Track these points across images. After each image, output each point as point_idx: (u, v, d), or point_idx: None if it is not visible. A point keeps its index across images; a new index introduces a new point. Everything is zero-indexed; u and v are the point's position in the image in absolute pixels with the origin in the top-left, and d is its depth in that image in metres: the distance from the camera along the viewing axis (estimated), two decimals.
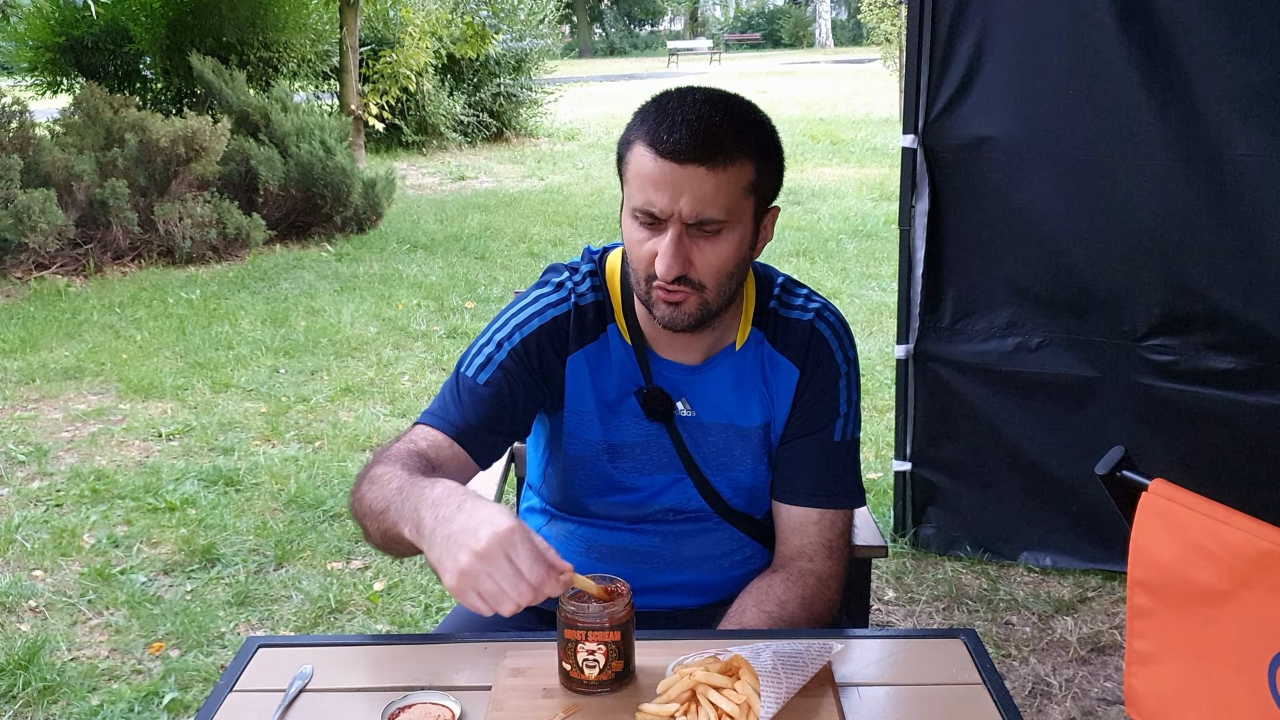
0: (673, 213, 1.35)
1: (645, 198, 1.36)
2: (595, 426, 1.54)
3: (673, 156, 1.33)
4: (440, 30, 11.75)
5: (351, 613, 3.01)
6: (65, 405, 4.69)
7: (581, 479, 1.58)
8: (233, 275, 7.10)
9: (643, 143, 1.36)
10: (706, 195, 1.34)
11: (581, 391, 1.53)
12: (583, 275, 1.56)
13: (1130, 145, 2.73)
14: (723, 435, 1.55)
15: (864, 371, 4.91)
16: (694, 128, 1.33)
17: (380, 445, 1.51)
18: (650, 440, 1.54)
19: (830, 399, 1.55)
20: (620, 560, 1.57)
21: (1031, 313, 2.98)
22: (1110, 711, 2.51)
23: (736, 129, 1.36)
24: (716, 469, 1.56)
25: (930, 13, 2.87)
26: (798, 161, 11.81)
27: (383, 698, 1.24)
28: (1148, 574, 1.53)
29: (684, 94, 1.39)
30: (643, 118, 1.38)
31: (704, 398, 1.54)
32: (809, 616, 1.49)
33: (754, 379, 1.54)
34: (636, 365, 1.53)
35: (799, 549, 1.55)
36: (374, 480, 1.38)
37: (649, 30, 49.50)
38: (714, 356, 1.54)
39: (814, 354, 1.54)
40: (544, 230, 8.46)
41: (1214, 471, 2.75)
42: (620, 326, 1.54)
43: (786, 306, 1.56)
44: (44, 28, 10.73)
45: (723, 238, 1.38)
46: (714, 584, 1.61)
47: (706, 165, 1.33)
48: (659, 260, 1.36)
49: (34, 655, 2.74)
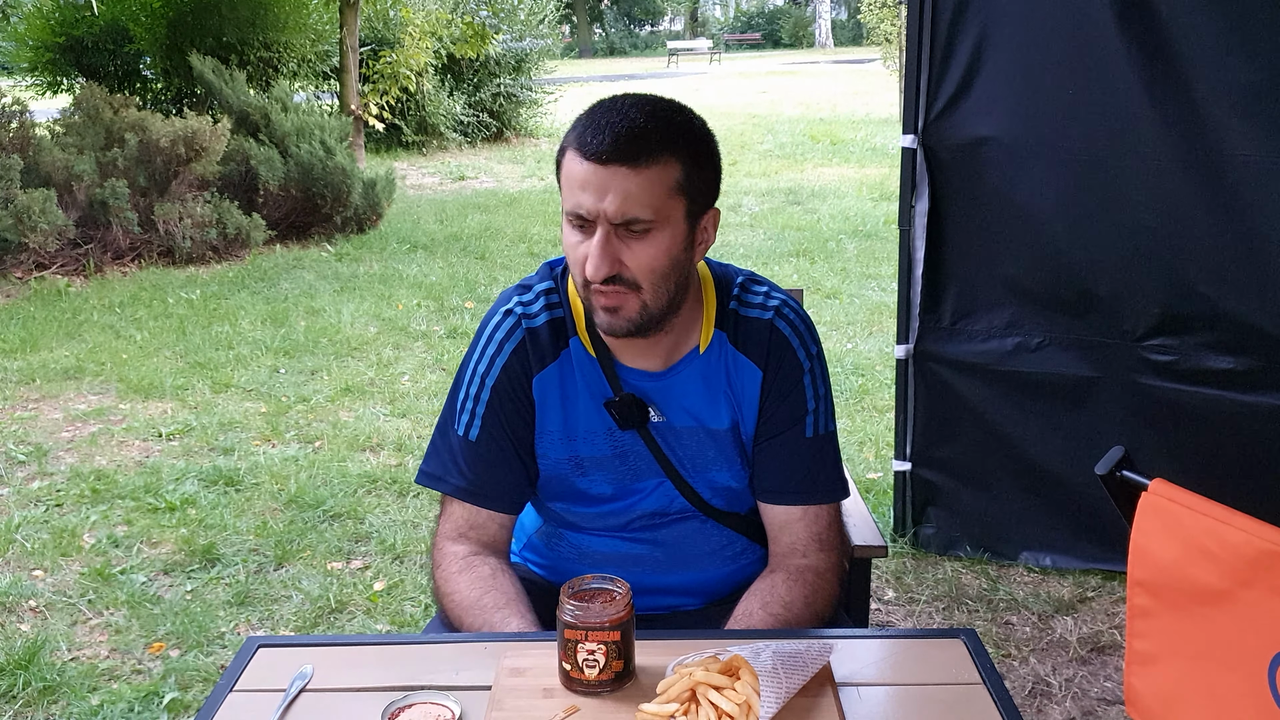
0: (599, 213, 1.37)
1: (575, 200, 1.38)
2: (563, 445, 1.55)
3: (596, 158, 1.35)
4: (440, 30, 11.75)
5: (351, 613, 3.01)
6: (65, 405, 4.69)
7: (558, 495, 1.59)
8: (233, 275, 7.10)
9: (572, 148, 1.39)
10: (630, 194, 1.36)
11: (549, 412, 1.54)
12: (535, 295, 1.57)
13: (1130, 145, 2.73)
14: (695, 438, 1.55)
15: (864, 371, 4.91)
16: (617, 129, 1.35)
17: (434, 535, 1.61)
18: (626, 450, 1.55)
19: (797, 397, 1.55)
20: (614, 566, 1.58)
21: (1031, 313, 2.98)
22: (1110, 711, 2.51)
23: (661, 129, 1.38)
24: (694, 471, 1.56)
25: (930, 13, 2.87)
26: (798, 161, 11.82)
27: (383, 698, 1.24)
28: (1148, 574, 1.53)
29: (615, 101, 1.42)
30: (575, 125, 1.41)
31: (673, 403, 1.54)
32: (814, 614, 1.51)
33: (719, 381, 1.55)
34: (603, 376, 1.53)
35: (790, 546, 1.56)
36: (448, 599, 1.52)
37: (649, 30, 49.49)
38: (679, 361, 1.54)
39: (776, 353, 1.54)
40: (544, 230, 8.47)
41: (1214, 471, 2.75)
42: (583, 339, 1.54)
43: (746, 305, 1.56)
44: (44, 28, 10.74)
45: (652, 237, 1.39)
46: (710, 581, 1.61)
47: (629, 165, 1.35)
48: (589, 261, 1.38)
49: (34, 655, 2.74)
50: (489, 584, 1.49)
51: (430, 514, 3.62)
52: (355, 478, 3.88)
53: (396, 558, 3.31)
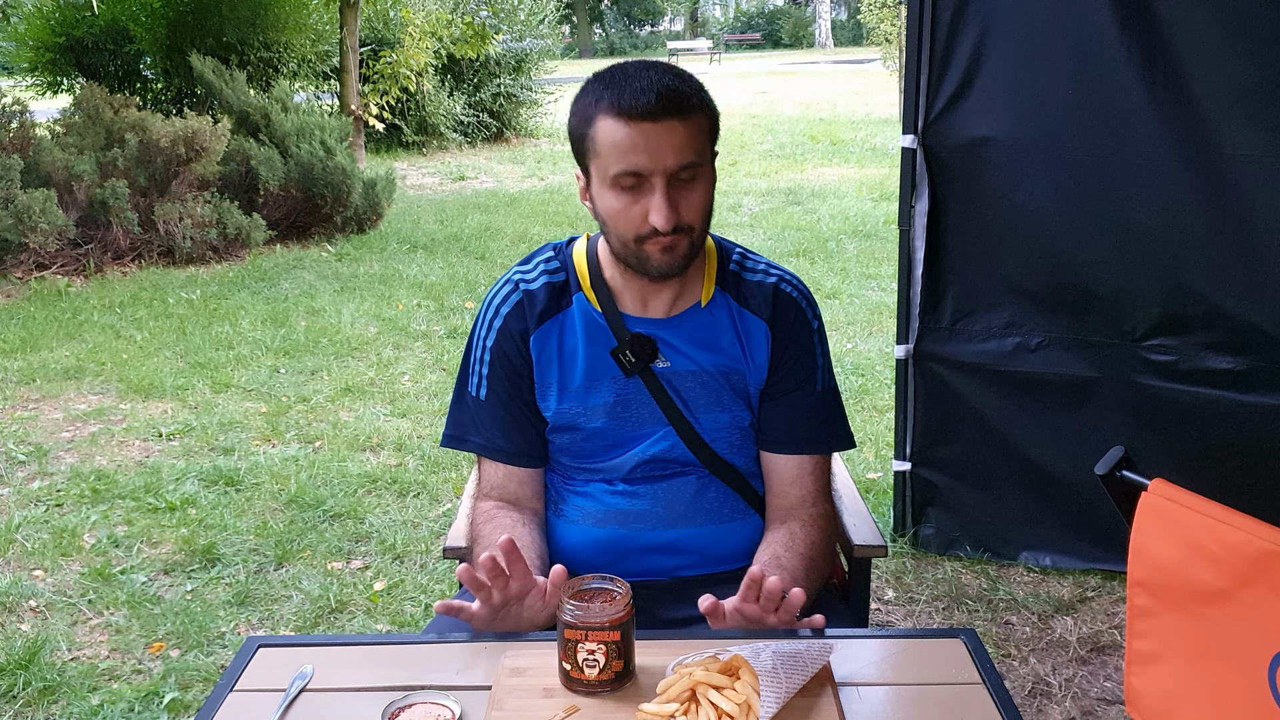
0: (657, 168, 1.46)
1: (628, 161, 1.46)
2: (563, 397, 1.63)
3: (648, 116, 1.44)
4: (440, 30, 11.75)
5: (351, 613, 3.01)
6: (65, 405, 4.69)
7: (563, 449, 1.67)
8: (233, 275, 7.10)
9: (609, 115, 1.47)
10: (684, 144, 1.47)
11: (547, 367, 1.63)
12: (534, 265, 1.68)
13: (1130, 145, 2.73)
14: (698, 381, 1.63)
15: (864, 371, 4.93)
16: (658, 88, 1.45)
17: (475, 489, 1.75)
18: (630, 398, 1.62)
19: (807, 353, 1.67)
20: (614, 523, 1.64)
21: (1031, 313, 2.98)
22: (1110, 711, 2.52)
23: (688, 84, 1.50)
24: (698, 411, 1.63)
25: (930, 13, 2.87)
26: (798, 161, 11.82)
27: (383, 698, 1.24)
28: (1148, 574, 1.53)
29: (625, 67, 1.51)
30: (596, 96, 1.49)
31: (676, 349, 1.62)
32: (830, 558, 1.66)
33: (726, 330, 1.64)
34: (607, 327, 1.62)
35: (802, 498, 1.65)
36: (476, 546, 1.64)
37: (649, 30, 49.46)
38: (683, 312, 1.63)
39: (782, 311, 1.65)
40: (544, 230, 8.47)
41: (1214, 471, 2.75)
42: (589, 294, 1.63)
43: (749, 271, 1.68)
44: (44, 28, 10.74)
45: (699, 181, 1.51)
46: (707, 540, 1.66)
47: (679, 118, 1.46)
48: (656, 214, 1.47)
49: (34, 655, 2.74)
50: (508, 530, 1.58)
51: (430, 514, 3.62)
52: (355, 478, 3.88)
53: (396, 558, 3.31)
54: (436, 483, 3.85)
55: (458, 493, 3.70)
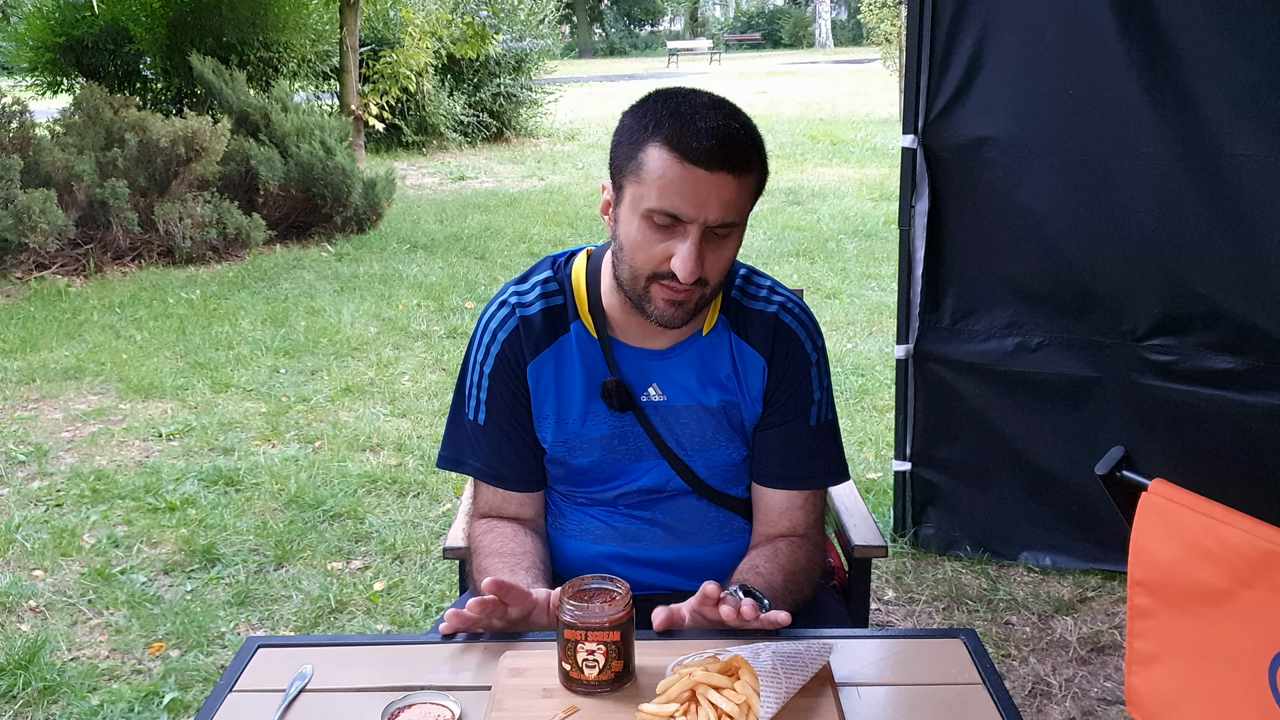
0: (697, 217, 1.38)
1: (670, 202, 1.38)
2: (559, 428, 1.59)
3: (703, 164, 1.36)
4: (440, 30, 11.75)
5: (351, 613, 3.01)
6: (65, 405, 4.69)
7: (559, 478, 1.64)
8: (233, 275, 7.10)
9: (663, 146, 1.37)
10: (730, 201, 1.39)
11: (543, 396, 1.59)
12: (531, 285, 1.61)
13: (1130, 145, 2.73)
14: (694, 416, 1.59)
15: (864, 371, 4.92)
16: (720, 135, 1.36)
17: (472, 507, 1.72)
18: (625, 431, 1.58)
19: (804, 387, 1.60)
20: (613, 541, 1.63)
21: (1031, 313, 2.98)
22: (1110, 711, 2.51)
23: (752, 137, 1.42)
24: (692, 449, 1.60)
25: (930, 13, 2.87)
26: (798, 161, 11.81)
27: (383, 698, 1.24)
28: (1148, 574, 1.53)
29: (693, 98, 1.42)
30: (656, 120, 1.39)
31: (674, 381, 1.58)
32: (813, 581, 1.60)
33: (723, 362, 1.59)
34: (603, 357, 1.57)
35: (790, 529, 1.61)
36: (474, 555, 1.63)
37: (649, 30, 49.46)
38: (682, 341, 1.58)
39: (781, 344, 1.59)
40: (544, 230, 8.47)
41: (1214, 471, 2.75)
42: (586, 322, 1.58)
43: (750, 298, 1.61)
44: (44, 28, 10.74)
45: (731, 239, 1.44)
46: (712, 558, 1.64)
47: (733, 174, 1.38)
48: (681, 263, 1.39)
49: (34, 655, 2.74)
50: (508, 541, 1.58)
51: (430, 514, 3.62)
52: (355, 478, 3.88)
53: (396, 558, 3.31)
54: (436, 483, 3.85)
55: (458, 493, 3.70)
